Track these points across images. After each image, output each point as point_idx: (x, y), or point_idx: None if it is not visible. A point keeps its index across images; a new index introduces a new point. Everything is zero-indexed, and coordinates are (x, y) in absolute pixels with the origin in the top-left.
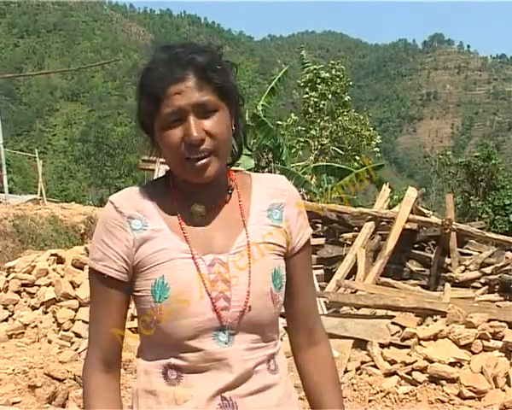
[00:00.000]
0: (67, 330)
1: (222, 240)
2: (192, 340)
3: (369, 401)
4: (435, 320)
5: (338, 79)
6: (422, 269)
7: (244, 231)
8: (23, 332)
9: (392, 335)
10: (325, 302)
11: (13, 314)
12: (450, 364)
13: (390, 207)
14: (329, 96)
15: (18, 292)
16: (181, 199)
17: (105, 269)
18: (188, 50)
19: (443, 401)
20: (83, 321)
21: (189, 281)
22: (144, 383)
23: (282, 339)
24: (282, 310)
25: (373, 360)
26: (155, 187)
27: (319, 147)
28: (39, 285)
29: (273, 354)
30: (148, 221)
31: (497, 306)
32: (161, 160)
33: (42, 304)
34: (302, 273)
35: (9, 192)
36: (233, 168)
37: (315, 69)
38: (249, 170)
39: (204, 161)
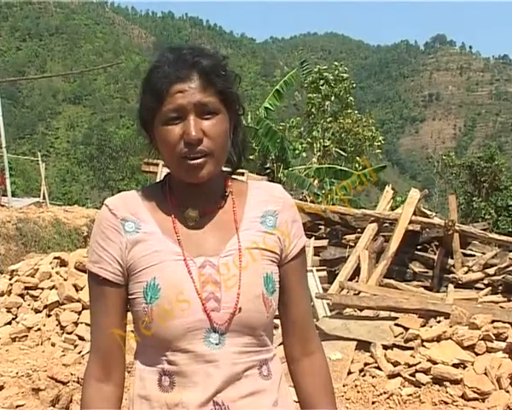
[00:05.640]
0: (71, 333)
1: (214, 243)
2: (182, 341)
3: (373, 402)
4: (438, 322)
5: (341, 81)
6: (425, 270)
7: (236, 235)
8: (26, 335)
9: (396, 336)
10: (328, 304)
11: (16, 317)
12: (454, 365)
13: (393, 209)
14: (332, 98)
15: (21, 295)
16: (175, 203)
17: (100, 271)
18: (194, 53)
19: (446, 403)
20: (86, 324)
21: (179, 282)
22: (139, 388)
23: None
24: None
25: (376, 362)
26: (151, 191)
27: (322, 148)
28: (42, 288)
29: (266, 360)
30: (141, 224)
31: (501, 307)
32: (163, 162)
33: (45, 307)
34: (296, 282)
35: (12, 195)
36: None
37: (319, 71)
38: (251, 172)
39: (199, 160)
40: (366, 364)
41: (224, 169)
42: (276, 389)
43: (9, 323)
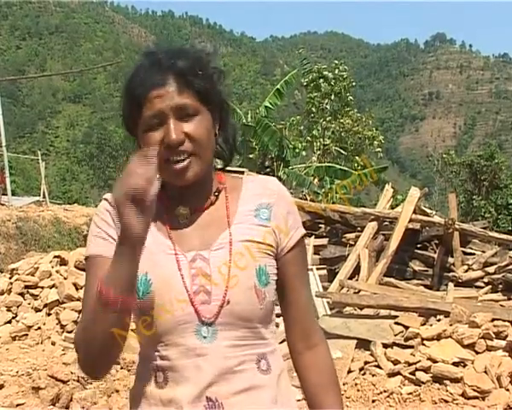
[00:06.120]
0: (71, 331)
1: (205, 238)
2: (174, 335)
3: (373, 401)
4: (438, 320)
5: (341, 80)
6: (425, 269)
7: (228, 229)
8: (26, 334)
9: (396, 335)
10: (328, 303)
11: (16, 316)
12: (454, 364)
13: (393, 207)
14: (332, 97)
15: (21, 294)
16: (168, 202)
17: (101, 250)
18: (170, 55)
19: (447, 401)
20: None
21: (169, 276)
22: (137, 384)
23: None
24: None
25: (376, 361)
26: None
27: (322, 147)
28: (42, 287)
29: (264, 354)
30: None
31: (501, 305)
32: None
33: (45, 306)
34: (294, 274)
35: (12, 194)
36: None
37: (318, 69)
38: (251, 170)
39: (183, 163)
40: (366, 362)
41: (219, 166)
42: (274, 383)
43: (9, 322)
